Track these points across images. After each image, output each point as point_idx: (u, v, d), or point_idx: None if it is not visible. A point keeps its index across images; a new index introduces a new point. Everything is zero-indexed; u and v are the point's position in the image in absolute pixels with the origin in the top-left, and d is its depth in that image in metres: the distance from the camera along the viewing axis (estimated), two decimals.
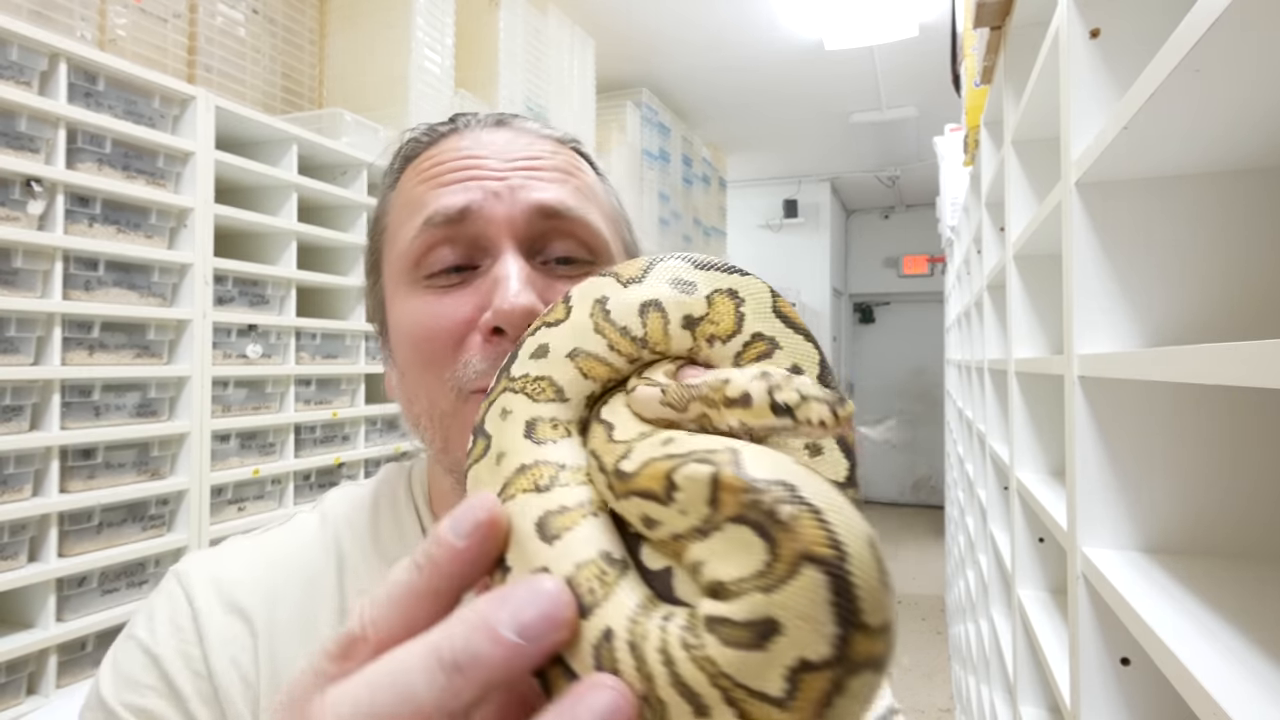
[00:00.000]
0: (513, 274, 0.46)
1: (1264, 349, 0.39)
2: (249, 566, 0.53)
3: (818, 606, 0.19)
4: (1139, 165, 0.70)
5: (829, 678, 0.19)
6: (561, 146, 0.55)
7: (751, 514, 0.21)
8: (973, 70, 1.60)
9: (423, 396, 0.50)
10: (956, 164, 2.63)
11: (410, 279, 0.50)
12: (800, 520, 0.20)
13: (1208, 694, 0.45)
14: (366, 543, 0.54)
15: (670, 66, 3.88)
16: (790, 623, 0.19)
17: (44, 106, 1.33)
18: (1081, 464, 0.75)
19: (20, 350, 1.33)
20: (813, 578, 0.20)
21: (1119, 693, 0.73)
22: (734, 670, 0.20)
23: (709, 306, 0.29)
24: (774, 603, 0.20)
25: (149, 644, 0.49)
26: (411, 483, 0.58)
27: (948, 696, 3.26)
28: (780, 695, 0.20)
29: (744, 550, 0.21)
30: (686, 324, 0.29)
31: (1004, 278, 1.31)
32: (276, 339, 1.83)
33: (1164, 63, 0.51)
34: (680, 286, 0.29)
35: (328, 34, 2.28)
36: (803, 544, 0.20)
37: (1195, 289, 0.73)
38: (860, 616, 0.19)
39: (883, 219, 7.24)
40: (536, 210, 0.49)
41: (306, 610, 0.51)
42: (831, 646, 0.19)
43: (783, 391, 0.23)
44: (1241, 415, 0.71)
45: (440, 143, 0.53)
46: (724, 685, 0.20)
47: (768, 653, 0.20)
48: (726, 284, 0.29)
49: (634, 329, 0.29)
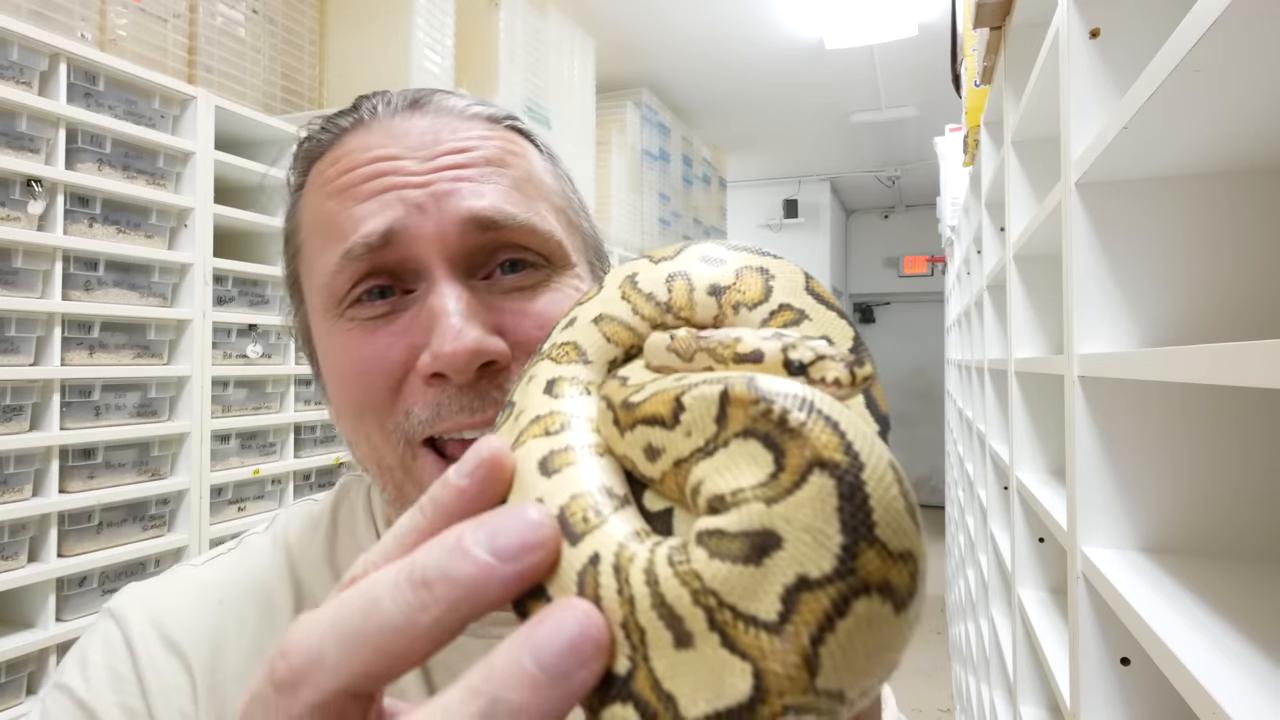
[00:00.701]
0: (450, 307, 0.40)
1: (1264, 349, 0.39)
2: (192, 602, 0.47)
3: (824, 515, 0.17)
4: (1139, 165, 0.70)
5: (830, 595, 0.17)
6: (494, 127, 0.47)
7: (760, 425, 0.19)
8: (973, 70, 1.60)
9: (363, 444, 0.44)
10: (956, 164, 2.63)
11: (334, 313, 0.44)
12: (811, 426, 0.18)
13: (1208, 694, 0.45)
14: (324, 570, 0.48)
15: (670, 66, 3.88)
16: (792, 535, 0.17)
17: (44, 106, 1.33)
18: (1081, 464, 0.75)
19: (20, 350, 1.33)
20: (820, 484, 0.17)
21: (1119, 693, 0.73)
22: (721, 587, 0.18)
23: (736, 278, 0.28)
24: (775, 514, 0.18)
25: (83, 696, 0.43)
26: (371, 501, 0.52)
27: (948, 696, 3.26)
28: (772, 619, 0.17)
29: (748, 462, 0.19)
30: (712, 291, 0.28)
31: (1004, 278, 1.31)
32: (276, 339, 1.83)
33: (1164, 63, 0.51)
34: (710, 261, 0.29)
35: (328, 34, 2.28)
36: (813, 450, 0.18)
37: (1195, 289, 0.73)
38: (872, 529, 0.17)
39: (883, 219, 7.24)
40: (470, 221, 0.41)
41: (261, 646, 0.45)
42: (835, 559, 0.17)
43: (797, 349, 0.21)
44: (1241, 415, 0.71)
45: (345, 139, 0.45)
46: (709, 605, 0.18)
47: (762, 569, 0.17)
48: (757, 263, 0.29)
49: (659, 295, 0.29)
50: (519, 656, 0.17)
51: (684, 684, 0.18)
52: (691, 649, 0.18)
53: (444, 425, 0.41)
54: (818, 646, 0.17)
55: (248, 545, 0.51)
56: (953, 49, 2.19)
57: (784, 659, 0.17)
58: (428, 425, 0.41)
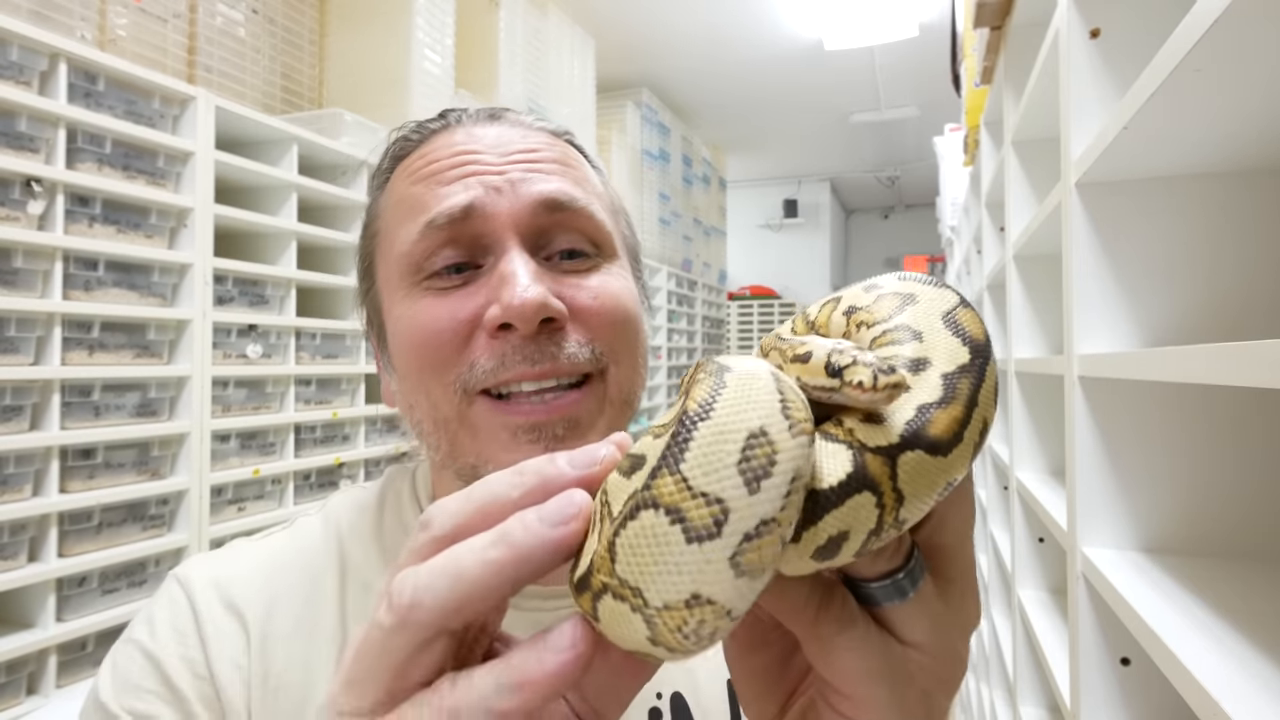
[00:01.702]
0: (520, 270, 0.46)
1: (1264, 349, 0.39)
2: (250, 569, 0.52)
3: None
4: (1139, 165, 0.70)
5: (630, 504, 0.22)
6: (556, 139, 0.54)
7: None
8: (973, 70, 1.60)
9: (424, 401, 0.48)
10: (956, 164, 2.63)
11: (410, 282, 0.49)
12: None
13: (1208, 694, 0.45)
14: (371, 548, 0.53)
15: (670, 66, 3.88)
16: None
17: (44, 106, 1.33)
18: (1081, 464, 0.75)
19: (20, 350, 1.33)
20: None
21: (1119, 693, 0.73)
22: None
23: (875, 301, 0.29)
24: None
25: (150, 647, 0.48)
26: (416, 485, 0.57)
27: None
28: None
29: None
30: (848, 311, 0.30)
31: (1004, 278, 1.31)
32: (276, 339, 1.83)
33: (1164, 63, 0.51)
34: (872, 289, 0.30)
35: (328, 34, 2.28)
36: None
37: (1195, 289, 0.73)
38: (679, 464, 0.21)
39: (882, 219, 7.25)
40: (540, 203, 0.48)
41: (307, 615, 0.50)
42: (646, 475, 0.21)
43: (841, 355, 0.23)
44: (1241, 415, 0.71)
45: (432, 140, 0.52)
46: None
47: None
48: (908, 289, 0.29)
49: (812, 314, 0.32)
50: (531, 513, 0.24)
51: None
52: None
53: (507, 375, 0.46)
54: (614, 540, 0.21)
55: (300, 525, 0.56)
56: (953, 49, 2.19)
57: (599, 548, 0.22)
58: (491, 375, 0.46)
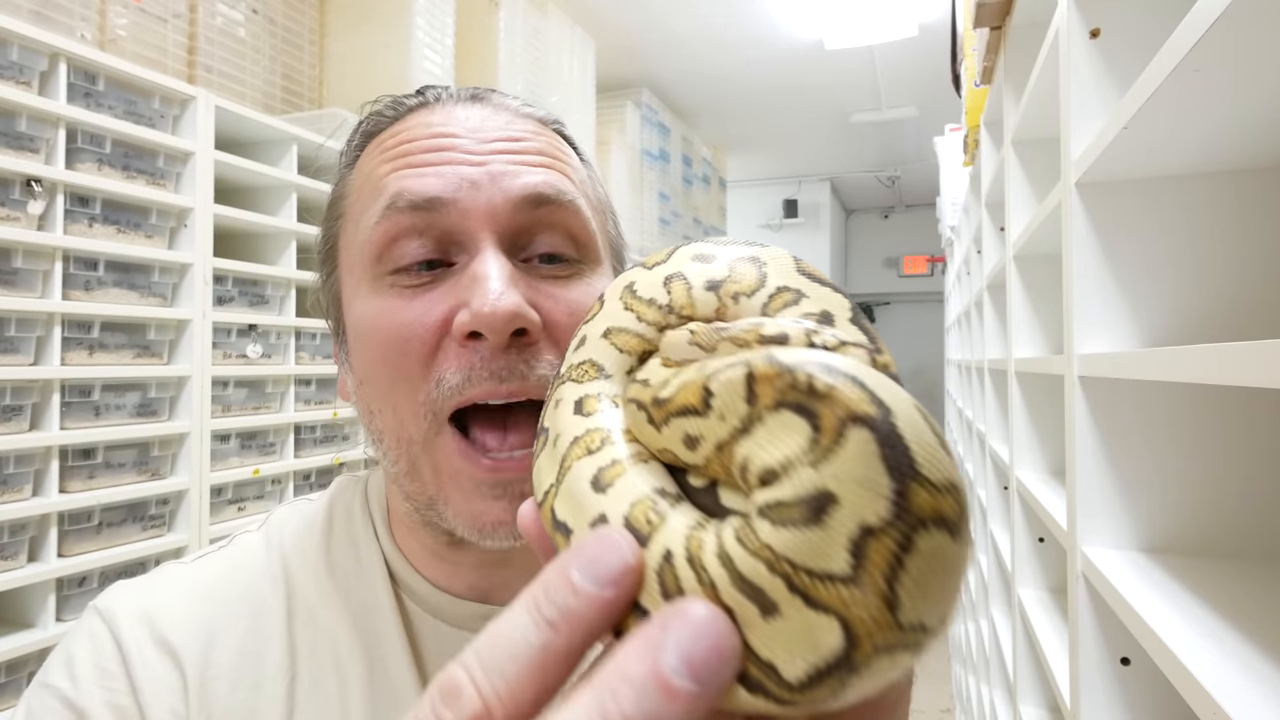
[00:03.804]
0: (494, 272, 0.41)
1: (1264, 349, 0.39)
2: (184, 598, 0.46)
3: (869, 465, 0.18)
4: (1139, 165, 0.70)
5: (893, 538, 0.18)
6: (544, 128, 0.49)
7: (790, 395, 0.20)
8: (973, 70, 1.60)
9: (389, 415, 0.44)
10: (956, 164, 2.63)
11: (373, 274, 0.44)
12: (838, 387, 0.19)
13: (1208, 694, 0.45)
14: (320, 572, 0.48)
15: (670, 66, 3.88)
16: (845, 489, 0.18)
17: (44, 106, 1.33)
18: (1081, 464, 0.75)
19: (20, 350, 1.33)
20: (860, 437, 0.18)
21: (1119, 693, 0.73)
22: (793, 552, 0.19)
23: (730, 270, 0.29)
24: (824, 474, 0.18)
25: (70, 695, 0.42)
26: (369, 501, 0.52)
27: (948, 696, 3.26)
28: (846, 571, 0.18)
29: (787, 433, 0.20)
30: (710, 286, 0.29)
31: (1004, 278, 1.31)
32: (276, 339, 1.83)
33: (1164, 63, 0.51)
34: (702, 259, 0.30)
35: (327, 34, 2.28)
36: (844, 407, 0.19)
37: (1195, 289, 0.73)
38: (916, 467, 0.18)
39: (883, 219, 7.25)
40: (522, 198, 0.43)
41: (250, 649, 0.45)
42: (890, 503, 0.18)
43: (820, 335, 0.23)
44: (1241, 415, 0.71)
45: (407, 118, 0.47)
46: (785, 571, 0.19)
47: (826, 528, 0.18)
48: (747, 253, 0.29)
49: (659, 298, 0.30)
50: (658, 665, 0.17)
51: (780, 650, 0.19)
52: (778, 616, 0.19)
53: (473, 392, 0.42)
54: (893, 585, 0.18)
55: (239, 544, 0.50)
56: (953, 49, 2.19)
57: (866, 605, 0.18)
58: (457, 392, 0.41)
